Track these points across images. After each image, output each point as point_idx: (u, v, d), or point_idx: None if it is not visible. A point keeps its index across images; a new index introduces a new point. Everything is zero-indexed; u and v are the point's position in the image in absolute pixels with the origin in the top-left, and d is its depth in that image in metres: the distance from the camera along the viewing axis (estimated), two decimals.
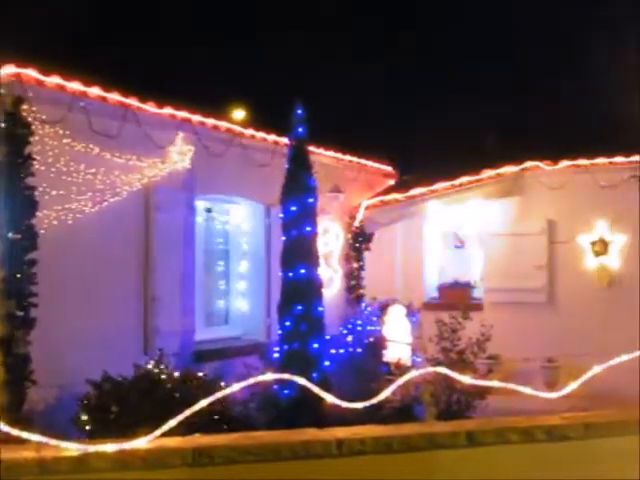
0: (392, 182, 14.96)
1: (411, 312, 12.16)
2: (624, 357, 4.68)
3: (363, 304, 12.82)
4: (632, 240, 13.63)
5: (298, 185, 9.19)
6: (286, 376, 4.22)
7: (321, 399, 4.33)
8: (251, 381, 3.86)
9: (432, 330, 11.11)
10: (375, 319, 11.61)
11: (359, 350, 10.43)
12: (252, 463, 3.63)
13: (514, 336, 13.46)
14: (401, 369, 10.47)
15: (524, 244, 14.15)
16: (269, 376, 4.12)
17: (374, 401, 3.94)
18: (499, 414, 5.56)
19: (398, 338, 11.39)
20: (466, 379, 4.63)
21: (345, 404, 3.90)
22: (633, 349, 6.40)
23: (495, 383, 5.29)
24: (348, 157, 13.61)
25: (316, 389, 3.90)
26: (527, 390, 4.35)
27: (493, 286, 14.43)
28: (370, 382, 9.36)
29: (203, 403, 3.72)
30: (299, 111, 9.34)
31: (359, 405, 3.94)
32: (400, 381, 4.06)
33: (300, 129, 9.35)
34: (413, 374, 4.30)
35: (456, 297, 14.32)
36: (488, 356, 12.04)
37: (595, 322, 13.41)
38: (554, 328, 13.69)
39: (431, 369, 5.36)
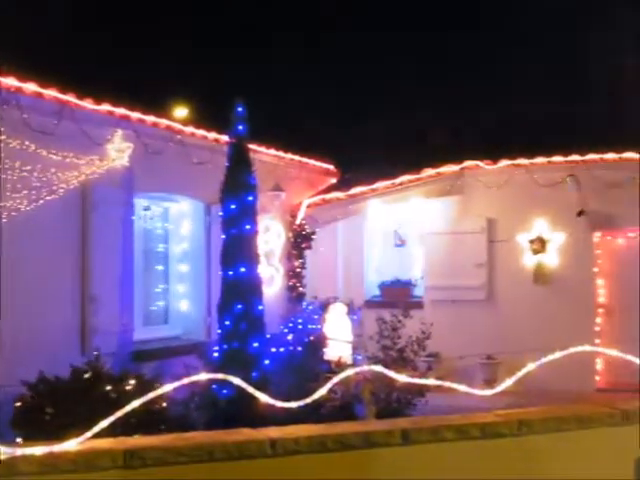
0: (334, 180, 14.97)
1: (352, 310, 12.16)
2: (557, 354, 4.70)
3: (304, 302, 12.81)
4: (569, 238, 13.83)
5: (238, 183, 9.13)
6: (220, 376, 4.17)
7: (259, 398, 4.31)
8: (185, 381, 3.81)
9: (373, 328, 11.15)
10: (316, 317, 11.58)
11: (299, 349, 10.39)
12: (185, 464, 3.57)
13: (454, 333, 13.60)
14: (342, 367, 10.45)
15: (464, 242, 14.28)
16: (202, 376, 4.07)
17: (308, 400, 3.91)
18: (438, 411, 5.56)
19: (339, 336, 11.38)
20: (401, 377, 4.62)
21: (279, 403, 3.87)
22: (572, 345, 6.47)
23: (430, 381, 5.32)
24: (290, 155, 13.58)
25: (250, 389, 3.86)
26: (462, 387, 4.37)
27: (433, 284, 14.54)
28: (310, 381, 9.33)
29: (135, 404, 3.66)
30: (239, 109, 9.28)
31: (294, 404, 3.91)
32: (335, 379, 4.03)
33: (240, 127, 9.29)
34: (347, 373, 4.29)
35: (397, 295, 14.41)
36: (428, 354, 12.13)
37: (534, 319, 13.60)
38: (493, 325, 13.85)
39: (366, 367, 5.34)
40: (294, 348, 10.33)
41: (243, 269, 8.95)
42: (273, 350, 9.76)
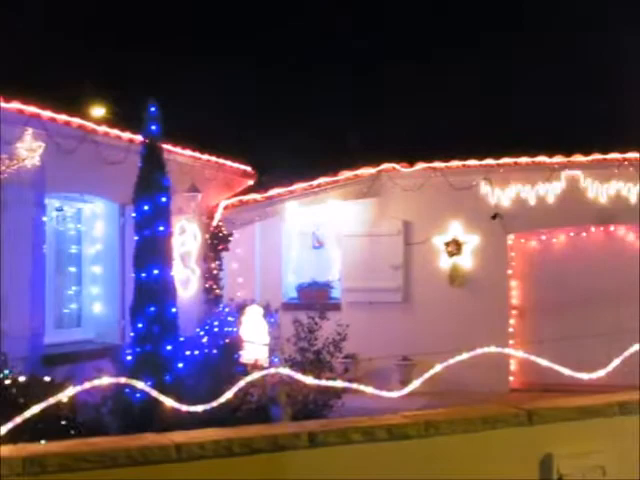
0: (251, 182, 14.90)
1: (269, 312, 12.12)
2: (464, 355, 4.75)
3: (221, 305, 12.71)
4: (484, 241, 14.05)
5: (151, 184, 9.03)
6: (123, 380, 4.09)
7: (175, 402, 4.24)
8: (86, 386, 3.72)
9: (290, 330, 11.14)
10: (232, 320, 11.50)
11: (215, 351, 10.31)
12: (88, 470, 3.48)
13: (371, 335, 13.69)
14: (258, 370, 10.40)
15: (381, 245, 14.38)
16: (105, 380, 3.97)
17: (214, 404, 3.87)
18: (354, 413, 5.56)
19: (255, 339, 11.33)
20: (309, 380, 4.60)
21: (185, 408, 3.81)
22: (486, 346, 6.55)
23: (339, 383, 5.34)
24: (206, 156, 13.47)
25: (155, 393, 3.79)
26: (369, 389, 4.38)
27: (351, 286, 14.60)
28: (225, 384, 9.26)
29: (35, 409, 3.56)
30: (152, 109, 9.18)
31: (199, 408, 3.85)
32: (241, 382, 4.00)
33: (153, 127, 9.19)
34: (254, 376, 4.26)
35: (314, 297, 14.41)
36: (345, 355, 12.18)
37: (449, 320, 13.77)
38: (410, 327, 13.98)
39: (273, 370, 5.31)
40: (209, 351, 10.24)
41: (156, 271, 8.85)
42: (188, 353, 9.65)
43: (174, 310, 9.06)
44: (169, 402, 3.77)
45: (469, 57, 16.84)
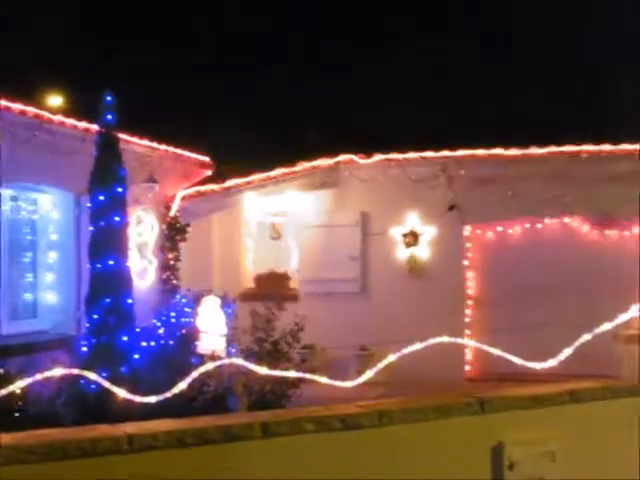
0: (209, 173, 14.84)
1: (226, 303, 12.08)
2: (417, 345, 4.79)
3: (178, 295, 12.64)
4: (441, 232, 14.14)
5: (106, 174, 8.96)
6: (76, 371, 4.06)
7: (128, 393, 4.23)
8: (38, 377, 3.69)
9: (248, 321, 11.14)
10: (189, 310, 11.46)
11: (171, 342, 10.27)
12: (37, 463, 3.45)
13: (329, 325, 13.71)
14: (215, 361, 10.39)
15: (339, 235, 14.42)
16: (56, 371, 3.94)
17: (168, 394, 3.86)
18: (312, 402, 5.57)
19: (212, 329, 11.29)
20: (263, 370, 4.61)
21: (138, 399, 3.80)
22: (443, 336, 6.60)
23: (293, 374, 5.33)
24: (164, 146, 13.38)
25: (107, 384, 3.77)
26: (324, 380, 4.39)
27: (309, 277, 14.62)
28: (181, 375, 9.23)
29: None
30: (108, 98, 9.10)
31: (152, 399, 3.84)
32: (194, 374, 3.99)
33: (109, 116, 9.11)
34: (208, 367, 4.25)
35: (272, 288, 14.41)
36: (303, 346, 12.21)
37: (407, 311, 13.84)
38: (367, 317, 14.03)
39: (227, 361, 5.31)
40: (166, 342, 10.21)
41: (112, 262, 8.80)
42: (144, 344, 9.61)
43: (130, 301, 9.02)
44: (121, 393, 3.75)
45: (424, 47, 16.91)
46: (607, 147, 13.61)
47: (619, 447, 4.77)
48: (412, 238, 14.21)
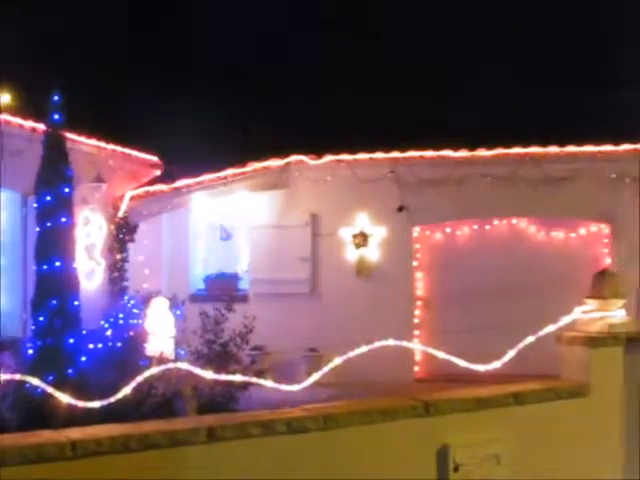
0: (158, 173, 14.74)
1: (175, 304, 12.00)
2: (363, 348, 4.82)
3: (126, 297, 12.54)
4: (390, 233, 14.21)
5: (53, 174, 8.87)
6: (17, 377, 4.01)
7: (81, 399, 4.18)
8: None
9: (197, 322, 11.08)
10: (137, 312, 11.36)
11: (119, 344, 10.17)
12: None
13: (279, 326, 13.69)
14: (164, 363, 10.32)
15: (289, 236, 14.41)
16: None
17: (112, 400, 3.83)
18: (262, 404, 5.59)
19: (161, 331, 11.21)
20: (209, 375, 4.60)
21: (81, 403, 3.77)
22: (392, 337, 6.64)
23: (238, 377, 5.32)
24: (112, 146, 13.26)
25: (50, 389, 3.73)
26: (269, 383, 4.40)
27: (259, 277, 14.60)
28: (129, 377, 9.16)
29: None
30: (55, 97, 9.00)
31: (97, 404, 3.81)
32: (139, 378, 3.97)
33: (56, 116, 9.01)
34: (152, 371, 4.22)
35: (222, 289, 14.34)
36: (253, 347, 12.18)
37: (356, 312, 13.88)
38: (317, 318, 14.05)
39: (172, 365, 5.28)
40: (113, 344, 10.10)
41: (58, 263, 8.70)
42: (91, 346, 9.51)
43: (77, 303, 8.93)
44: (64, 398, 3.72)
45: (376, 48, 16.97)
46: (554, 149, 13.80)
47: (563, 448, 4.85)
48: (362, 239, 14.26)
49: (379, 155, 14.22)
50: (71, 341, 8.75)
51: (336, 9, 17.52)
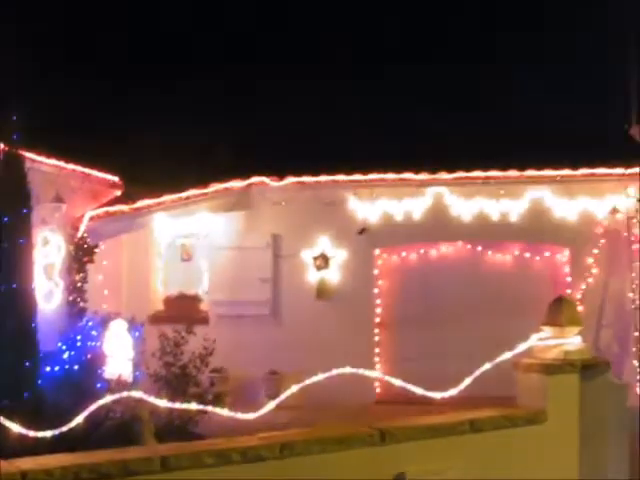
0: (119, 193, 14.63)
1: (134, 326, 11.90)
2: (320, 376, 4.81)
3: (85, 318, 12.40)
4: (351, 255, 14.23)
5: (11, 194, 8.76)
6: None
7: (38, 422, 4.12)
8: None
9: (157, 344, 11.02)
10: (96, 334, 11.25)
11: (76, 367, 10.06)
12: None
13: (240, 348, 13.63)
14: (122, 385, 10.25)
15: (249, 257, 14.37)
16: None
17: (64, 429, 3.77)
18: (221, 427, 5.55)
19: (119, 353, 11.11)
20: (162, 403, 4.55)
21: (32, 433, 3.71)
22: (352, 359, 6.64)
23: (192, 406, 5.28)
24: (71, 166, 13.14)
25: (1, 418, 3.67)
26: (224, 412, 4.36)
27: (219, 299, 14.52)
28: (86, 401, 9.06)
29: None
30: (13, 117, 8.93)
31: (48, 433, 3.75)
32: (92, 407, 3.92)
33: (14, 136, 8.93)
34: (107, 399, 4.18)
35: (182, 310, 14.29)
36: (213, 369, 12.12)
37: (317, 334, 13.85)
38: (278, 340, 13.98)
39: (125, 394, 5.23)
40: (71, 366, 9.99)
41: (15, 284, 8.58)
42: (48, 369, 9.40)
43: (33, 325, 8.81)
44: (15, 428, 3.66)
45: (339, 70, 17.04)
46: (513, 173, 13.93)
47: (519, 475, 4.86)
48: (323, 261, 14.26)
49: (341, 177, 14.25)
50: (27, 364, 8.62)
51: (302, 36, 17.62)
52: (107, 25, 17.35)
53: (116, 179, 14.50)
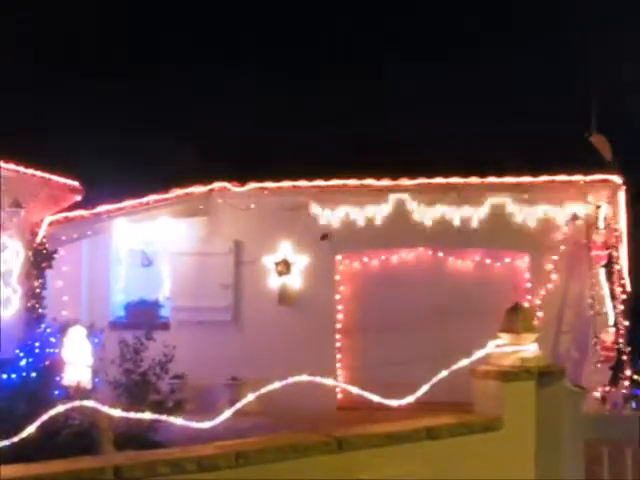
0: (79, 198, 14.48)
1: (94, 332, 11.79)
2: (275, 384, 4.79)
3: (43, 325, 12.27)
4: (313, 261, 14.23)
5: None
6: None
7: None
8: None
9: (117, 351, 10.92)
10: (54, 340, 11.13)
11: (34, 374, 9.95)
12: None
13: (201, 354, 13.55)
14: (81, 392, 10.15)
15: (211, 263, 14.31)
16: None
17: (16, 439, 3.72)
18: (182, 434, 5.50)
19: (78, 360, 10.99)
20: (116, 412, 4.51)
21: None
22: (314, 364, 6.63)
23: (147, 415, 5.23)
24: (30, 171, 12.97)
25: None
26: (179, 421, 4.33)
27: (180, 305, 14.44)
28: (44, 408, 8.95)
29: None
30: None
31: (1, 444, 3.70)
32: (45, 416, 3.87)
33: None
34: (59, 409, 4.13)
35: (143, 316, 14.17)
36: (174, 375, 12.01)
37: (279, 339, 13.83)
38: (239, 346, 13.94)
39: (78, 403, 5.17)
40: (28, 374, 9.87)
41: None
42: (5, 376, 9.28)
43: None
44: None
45: (304, 75, 17.06)
46: (475, 180, 14.01)
47: None
48: (284, 267, 14.24)
49: (303, 183, 14.24)
50: None
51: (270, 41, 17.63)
52: (68, 25, 17.22)
53: (76, 184, 14.34)
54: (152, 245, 14.89)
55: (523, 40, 17.49)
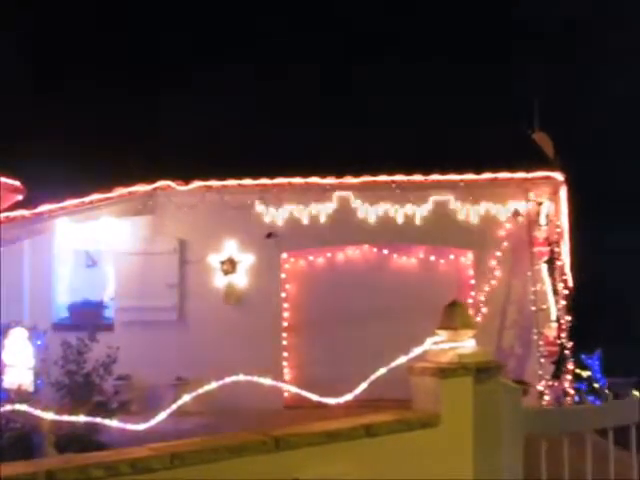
0: (20, 197, 14.29)
1: (37, 334, 11.63)
2: (213, 384, 4.78)
3: None
4: (258, 259, 14.20)
5: None
6: None
7: None
8: None
9: (60, 352, 10.80)
10: None
11: None
12: None
13: (146, 355, 13.48)
14: (22, 395, 10.02)
15: (156, 263, 14.21)
16: None
17: None
18: (128, 435, 5.44)
19: (19, 362, 10.84)
20: (48, 415, 4.45)
21: None
22: (261, 363, 6.62)
23: (81, 418, 5.18)
24: None
25: None
26: (113, 423, 4.30)
27: (125, 305, 14.32)
28: None
29: None
30: None
31: None
32: None
33: None
34: None
35: (87, 317, 14.04)
36: (118, 377, 11.94)
37: (224, 338, 13.80)
38: (185, 346, 13.89)
39: (9, 407, 5.10)
40: None
41: None
42: None
43: None
44: None
45: (249, 72, 17.03)
46: (418, 177, 14.09)
47: (414, 478, 4.90)
48: (230, 266, 14.20)
49: (248, 181, 14.20)
50: None
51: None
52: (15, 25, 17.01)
53: (17, 183, 14.16)
54: (96, 245, 14.74)
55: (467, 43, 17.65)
